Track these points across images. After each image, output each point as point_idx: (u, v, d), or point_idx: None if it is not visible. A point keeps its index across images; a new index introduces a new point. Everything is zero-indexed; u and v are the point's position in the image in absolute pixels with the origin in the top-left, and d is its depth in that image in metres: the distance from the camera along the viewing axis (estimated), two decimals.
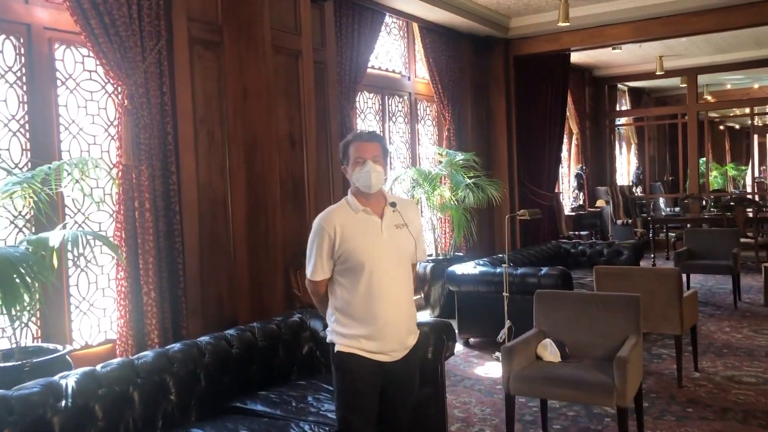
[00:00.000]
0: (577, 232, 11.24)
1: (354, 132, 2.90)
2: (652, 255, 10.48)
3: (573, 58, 10.33)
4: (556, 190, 10.56)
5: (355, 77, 6.52)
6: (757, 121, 18.18)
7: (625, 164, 15.27)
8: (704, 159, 14.31)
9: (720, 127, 19.70)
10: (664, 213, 14.09)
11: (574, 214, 11.90)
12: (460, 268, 6.31)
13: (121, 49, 4.15)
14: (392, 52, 7.89)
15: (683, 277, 6.86)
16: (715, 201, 12.72)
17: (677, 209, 13.96)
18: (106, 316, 4.45)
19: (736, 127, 21.06)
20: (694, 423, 4.18)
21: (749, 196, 13.98)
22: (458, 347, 6.04)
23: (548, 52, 9.22)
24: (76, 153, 4.30)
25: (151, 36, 4.37)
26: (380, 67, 7.58)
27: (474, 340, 6.26)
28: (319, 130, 5.48)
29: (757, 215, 9.93)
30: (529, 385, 3.72)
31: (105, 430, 2.84)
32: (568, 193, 12.39)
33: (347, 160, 2.78)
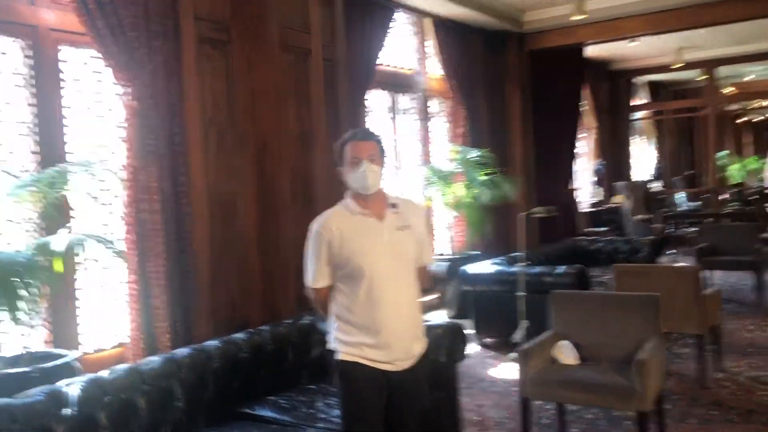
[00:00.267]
0: (594, 229, 11.07)
1: (349, 131, 2.77)
2: (672, 251, 10.29)
3: (589, 51, 10.16)
4: (573, 186, 10.41)
5: (365, 74, 6.42)
6: None
7: (644, 159, 15.05)
8: (724, 152, 14.06)
9: (741, 120, 19.36)
10: (683, 208, 13.86)
11: (592, 210, 11.72)
12: (475, 267, 6.21)
13: (127, 49, 4.10)
14: (404, 48, 7.79)
15: (704, 274, 6.69)
16: (735, 195, 12.49)
17: (697, 204, 13.74)
18: (116, 320, 4.41)
19: (757, 119, 20.68)
20: (718, 426, 4.05)
21: None
22: (474, 348, 5.95)
23: (563, 46, 9.05)
24: (84, 155, 4.26)
25: (158, 36, 4.31)
26: (391, 64, 7.48)
27: (490, 340, 6.15)
28: (330, 129, 5.40)
29: None
30: (545, 389, 3.63)
31: None
32: (585, 189, 12.22)
33: (343, 161, 2.67)
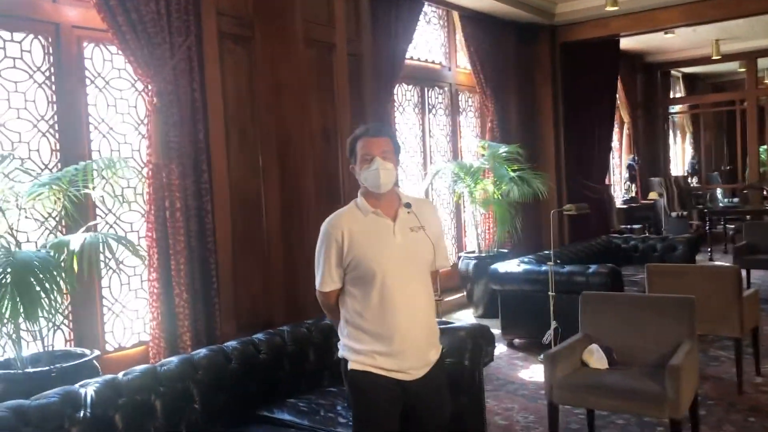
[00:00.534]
0: (628, 226, 10.81)
1: (361, 127, 2.65)
2: (709, 249, 10.00)
3: (623, 44, 9.90)
4: (606, 182, 10.17)
5: (392, 69, 6.32)
6: None
7: (680, 154, 14.68)
8: (765, 147, 13.65)
9: None
10: (721, 204, 13.48)
11: (625, 206, 11.45)
12: (504, 266, 6.08)
13: (149, 45, 4.06)
14: (432, 42, 7.67)
15: (743, 274, 6.46)
16: None
17: (736, 200, 13.36)
18: (138, 318, 4.40)
19: None
20: None
21: None
22: (502, 349, 5.83)
23: (596, 39, 8.83)
24: (106, 152, 4.24)
25: (180, 32, 4.26)
26: (419, 58, 7.37)
27: (518, 341, 6.02)
28: (355, 125, 5.30)
29: None
30: (573, 394, 3.50)
31: None
32: (619, 185, 11.95)
33: (355, 158, 2.56)
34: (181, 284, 4.19)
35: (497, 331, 5.85)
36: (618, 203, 11.36)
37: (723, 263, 8.77)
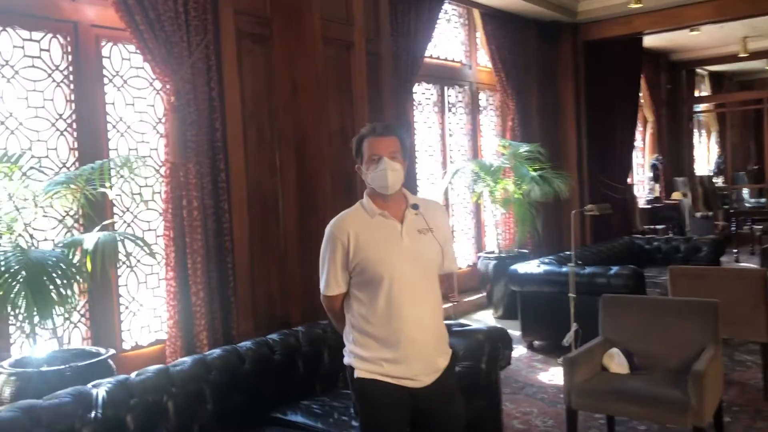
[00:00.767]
0: (652, 226, 10.64)
1: (368, 126, 2.54)
2: (735, 251, 9.80)
3: (647, 41, 9.75)
4: (629, 181, 10.02)
5: (411, 68, 6.26)
6: None
7: (705, 153, 14.43)
8: None
9: None
10: (748, 205, 13.22)
11: (649, 206, 11.28)
12: (524, 267, 6.00)
13: (167, 44, 4.05)
14: (452, 40, 7.59)
15: None
16: None
17: (763, 200, 13.09)
18: (155, 317, 4.40)
19: None
20: None
21: None
22: (521, 351, 5.75)
23: (620, 36, 8.70)
24: (124, 151, 4.25)
25: (198, 30, 4.25)
26: (439, 57, 7.30)
27: (538, 343, 5.94)
28: None
29: None
30: (593, 399, 3.42)
31: None
32: (642, 185, 11.78)
33: (361, 158, 2.50)
34: (197, 283, 4.18)
35: (517, 333, 5.79)
36: (641, 203, 11.19)
37: (749, 265, 8.58)
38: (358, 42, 5.01)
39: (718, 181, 13.61)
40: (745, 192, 13.79)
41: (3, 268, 2.89)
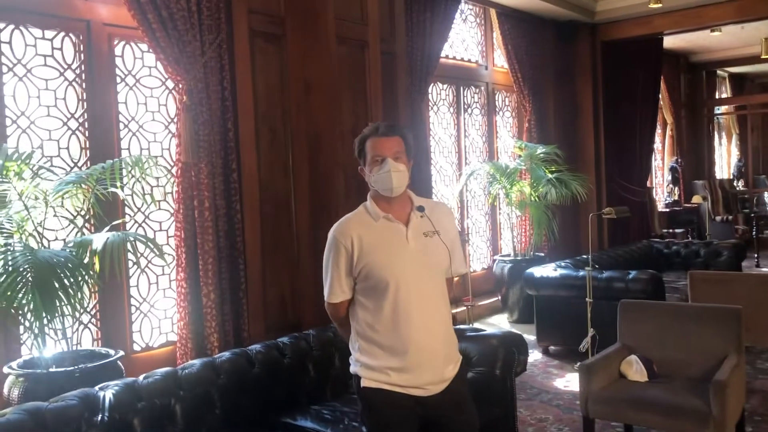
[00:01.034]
0: (671, 230, 10.48)
1: (370, 125, 2.46)
2: (756, 255, 9.62)
3: (667, 42, 9.60)
4: (648, 184, 9.87)
5: (427, 68, 6.20)
6: None
7: (725, 156, 14.22)
8: None
9: None
10: None
11: (668, 210, 11.12)
12: (540, 271, 5.90)
13: (179, 43, 4.02)
14: (468, 40, 7.52)
15: None
16: None
17: None
18: (166, 318, 4.37)
19: None
20: None
21: None
22: (537, 356, 5.66)
23: (639, 37, 8.58)
24: (135, 151, 4.22)
25: (211, 29, 4.21)
26: (455, 57, 7.23)
27: (554, 348, 5.84)
28: None
29: None
30: (610, 407, 3.33)
31: None
32: (661, 188, 11.62)
33: (364, 159, 2.42)
34: (209, 284, 4.14)
35: (532, 338, 5.70)
36: (660, 206, 11.03)
37: None
38: (372, 41, 4.95)
39: (739, 185, 13.40)
40: (766, 196, 13.57)
41: (11, 268, 2.87)
